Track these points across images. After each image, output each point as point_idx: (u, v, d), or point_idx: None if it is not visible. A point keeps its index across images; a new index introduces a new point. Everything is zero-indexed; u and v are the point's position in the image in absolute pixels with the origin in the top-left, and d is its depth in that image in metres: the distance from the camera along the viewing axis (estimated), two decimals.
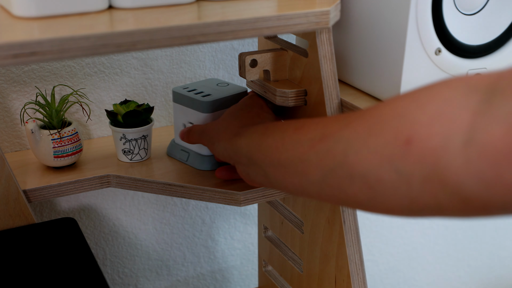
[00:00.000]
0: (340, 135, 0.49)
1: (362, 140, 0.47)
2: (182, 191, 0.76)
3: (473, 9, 0.68)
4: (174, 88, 0.80)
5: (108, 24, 0.59)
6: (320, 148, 0.51)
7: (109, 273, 1.04)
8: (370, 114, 0.48)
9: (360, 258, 0.76)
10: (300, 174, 0.54)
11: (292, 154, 0.54)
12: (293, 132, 0.56)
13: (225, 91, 0.80)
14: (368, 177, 0.46)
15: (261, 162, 0.60)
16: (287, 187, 0.57)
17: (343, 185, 0.49)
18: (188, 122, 0.79)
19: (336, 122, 0.51)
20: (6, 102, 0.85)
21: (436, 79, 0.68)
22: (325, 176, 0.50)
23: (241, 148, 0.63)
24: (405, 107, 0.45)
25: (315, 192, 0.53)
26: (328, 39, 0.69)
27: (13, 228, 0.75)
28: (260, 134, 0.61)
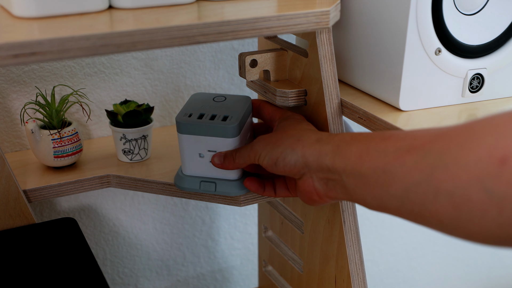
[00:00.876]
0: (429, 147, 0.46)
1: (453, 155, 0.43)
2: (182, 191, 0.76)
3: (473, 9, 0.68)
4: (177, 118, 0.71)
5: (108, 24, 0.59)
6: (407, 159, 0.48)
7: (109, 273, 1.04)
8: (464, 128, 0.44)
9: (360, 258, 0.76)
10: (381, 185, 0.50)
11: (376, 163, 0.51)
12: (379, 141, 0.52)
13: (234, 106, 0.73)
14: (454, 195, 0.43)
15: (342, 171, 0.56)
16: (366, 199, 0.54)
17: (426, 201, 0.46)
18: (206, 150, 0.71)
19: (426, 134, 0.48)
20: (6, 102, 0.85)
21: (436, 80, 0.68)
22: (408, 190, 0.47)
23: (325, 155, 0.58)
24: (503, 124, 0.42)
25: (395, 206, 0.50)
26: (328, 39, 0.69)
27: (13, 228, 0.75)
28: (346, 142, 0.57)
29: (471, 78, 0.69)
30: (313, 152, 0.59)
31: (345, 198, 0.58)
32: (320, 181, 0.60)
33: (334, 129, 0.72)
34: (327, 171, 0.58)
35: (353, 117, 0.71)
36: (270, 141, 0.64)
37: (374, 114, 0.68)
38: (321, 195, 0.61)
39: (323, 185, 0.60)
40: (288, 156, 0.61)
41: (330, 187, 0.59)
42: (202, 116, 0.71)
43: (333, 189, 0.59)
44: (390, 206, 0.50)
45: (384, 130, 0.67)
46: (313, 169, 0.60)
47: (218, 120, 0.70)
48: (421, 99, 0.69)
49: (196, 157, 0.72)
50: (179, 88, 0.96)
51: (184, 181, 0.74)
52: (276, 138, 0.64)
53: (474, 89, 0.70)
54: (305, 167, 0.60)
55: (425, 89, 0.68)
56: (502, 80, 0.72)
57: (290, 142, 0.62)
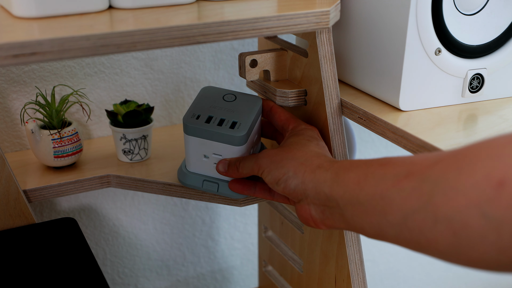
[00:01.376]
0: (427, 173, 0.45)
1: (450, 180, 0.43)
2: (182, 191, 0.76)
3: (473, 9, 0.68)
4: (185, 119, 0.69)
5: (108, 24, 0.59)
6: (404, 186, 0.47)
7: (109, 273, 1.04)
8: (462, 152, 0.44)
9: (360, 258, 0.76)
10: (379, 213, 0.49)
11: (374, 190, 0.50)
12: (377, 167, 0.51)
13: (244, 109, 0.71)
14: (453, 221, 0.42)
15: (340, 199, 0.55)
16: (364, 228, 0.52)
17: (425, 228, 0.45)
18: (211, 153, 0.70)
19: (424, 159, 0.47)
20: (6, 102, 0.85)
21: (436, 80, 0.68)
22: (406, 218, 0.46)
23: (324, 182, 0.57)
24: (501, 148, 0.41)
25: (393, 234, 0.49)
26: (328, 39, 0.69)
27: (13, 228, 0.75)
28: (344, 169, 0.56)
29: (471, 78, 0.69)
30: (313, 179, 0.59)
31: (343, 227, 0.57)
32: (317, 209, 0.59)
33: (334, 129, 0.72)
34: (325, 199, 0.57)
35: (353, 117, 0.71)
36: (275, 159, 0.63)
37: (374, 114, 0.68)
38: (317, 223, 0.60)
39: (319, 214, 0.59)
40: (289, 180, 0.61)
41: (327, 215, 0.58)
42: (210, 119, 0.69)
43: (330, 217, 0.58)
44: (388, 235, 0.49)
45: (384, 130, 0.67)
46: (310, 196, 0.59)
47: (226, 127, 0.68)
48: (421, 99, 0.69)
49: (201, 158, 0.71)
50: (179, 88, 0.96)
51: (187, 178, 0.73)
52: (281, 157, 0.63)
53: (474, 89, 0.70)
54: (303, 194, 0.60)
55: (425, 89, 0.68)
56: (502, 80, 0.72)
57: (294, 164, 0.61)
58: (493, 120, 0.66)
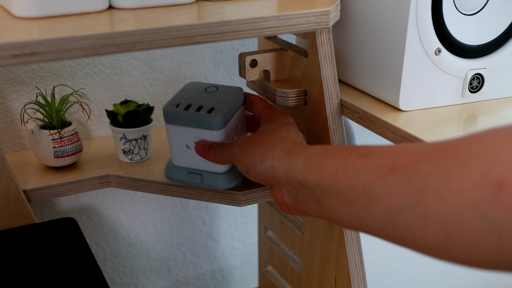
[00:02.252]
0: (415, 168, 0.43)
1: (443, 178, 0.41)
2: (182, 191, 0.76)
3: (473, 9, 0.68)
4: (164, 108, 0.70)
5: (108, 24, 0.59)
6: (389, 180, 0.45)
7: (109, 273, 1.04)
8: (453, 148, 0.42)
9: (360, 258, 0.76)
10: (360, 205, 0.47)
11: (354, 182, 0.48)
12: (356, 158, 0.49)
13: (224, 97, 0.71)
14: (446, 222, 0.41)
15: (315, 187, 0.53)
16: (342, 218, 0.51)
17: (413, 226, 0.43)
18: (193, 142, 0.70)
19: (409, 152, 0.45)
20: (6, 102, 0.85)
21: (436, 80, 0.68)
22: (392, 213, 0.45)
23: (295, 168, 0.55)
24: (496, 145, 0.39)
25: (375, 228, 0.47)
26: (328, 39, 0.69)
27: (13, 228, 0.75)
28: (318, 156, 0.54)
29: (471, 78, 0.69)
30: (283, 164, 0.57)
31: (317, 215, 0.55)
32: (289, 194, 0.57)
33: (334, 129, 0.72)
34: (298, 185, 0.55)
35: (353, 117, 0.71)
36: (245, 146, 0.63)
37: (374, 114, 0.68)
38: (290, 208, 0.58)
39: (292, 199, 0.57)
40: (257, 165, 0.60)
41: (300, 201, 0.56)
42: (189, 107, 0.69)
43: (303, 204, 0.56)
44: (369, 227, 0.48)
45: (384, 130, 0.67)
46: (282, 182, 0.57)
47: (204, 112, 0.68)
48: (421, 99, 0.69)
49: (184, 148, 0.71)
50: (179, 88, 0.96)
51: (173, 172, 0.73)
52: (251, 143, 0.62)
53: (474, 89, 0.70)
54: (274, 179, 0.58)
55: (425, 89, 0.68)
56: (502, 80, 0.72)
57: (262, 150, 0.60)
58: (493, 120, 0.66)
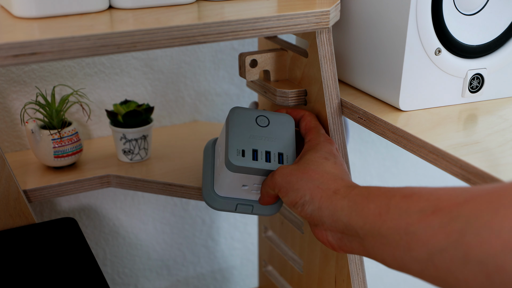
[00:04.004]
0: (458, 211, 0.43)
1: (485, 220, 0.41)
2: (182, 191, 0.76)
3: (473, 9, 0.68)
4: (232, 159, 0.65)
5: (108, 24, 0.59)
6: (431, 222, 0.45)
7: (109, 273, 1.04)
8: (496, 192, 0.42)
9: (360, 258, 0.76)
10: (403, 247, 0.47)
11: (397, 224, 0.48)
12: (400, 200, 0.49)
13: (281, 133, 0.69)
14: (486, 264, 0.40)
15: (359, 229, 0.53)
16: (385, 259, 0.51)
17: (454, 268, 0.43)
18: (253, 184, 0.68)
19: (453, 195, 0.45)
20: (6, 102, 0.85)
21: (436, 80, 0.68)
22: (433, 255, 0.44)
23: (341, 211, 0.55)
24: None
25: (417, 270, 0.47)
26: (328, 39, 0.69)
27: (13, 228, 0.75)
28: (363, 197, 0.54)
29: (471, 78, 0.69)
30: (329, 206, 0.57)
31: (362, 254, 0.55)
32: (334, 235, 0.58)
33: (334, 129, 0.72)
34: (343, 227, 0.55)
35: (353, 117, 0.71)
36: (290, 179, 0.62)
37: (374, 114, 0.68)
38: (335, 248, 0.59)
39: (337, 240, 0.58)
40: (306, 205, 0.59)
41: (345, 242, 0.57)
42: (255, 154, 0.66)
43: (348, 244, 0.56)
44: (412, 269, 0.48)
45: (384, 130, 0.67)
46: (327, 223, 0.57)
47: (275, 162, 0.66)
48: (421, 99, 0.69)
49: (239, 187, 0.68)
50: (179, 88, 0.96)
51: (219, 203, 0.70)
52: (297, 178, 0.61)
53: (474, 89, 0.70)
54: (319, 220, 0.58)
55: (425, 89, 0.68)
56: (502, 80, 0.72)
57: (310, 188, 0.60)
58: (493, 120, 0.66)
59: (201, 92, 0.98)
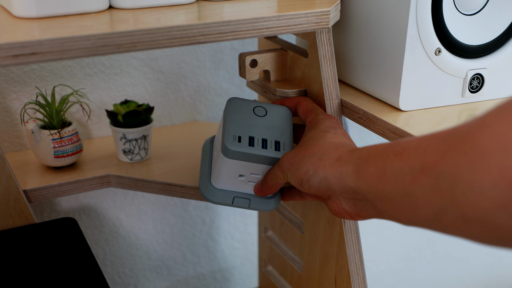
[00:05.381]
0: (441, 168, 0.43)
1: (466, 178, 0.40)
2: (182, 191, 0.76)
3: (473, 9, 0.68)
4: (228, 144, 0.64)
5: (108, 25, 0.59)
6: (423, 182, 0.45)
7: (109, 273, 1.04)
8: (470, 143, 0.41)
9: (360, 258, 0.76)
10: (408, 208, 0.47)
11: (396, 186, 0.48)
12: (393, 159, 0.49)
13: (279, 123, 0.69)
14: (484, 223, 0.40)
15: (367, 193, 0.53)
16: (399, 219, 0.50)
17: (459, 226, 0.43)
18: (250, 173, 0.67)
19: (434, 146, 0.45)
20: (6, 102, 0.85)
21: (436, 80, 0.68)
22: (436, 215, 0.44)
23: (347, 176, 0.55)
24: (506, 134, 0.38)
25: (429, 227, 0.47)
26: (328, 39, 0.69)
27: (13, 228, 0.75)
28: (364, 160, 0.53)
29: (471, 78, 0.70)
30: (335, 174, 0.57)
31: (379, 217, 0.55)
32: (348, 202, 0.57)
33: None
34: (353, 192, 0.55)
35: (353, 117, 0.71)
36: (294, 160, 0.62)
37: (374, 114, 0.68)
38: (352, 215, 0.58)
39: (352, 206, 0.57)
40: (311, 179, 0.59)
41: (359, 207, 0.56)
42: (252, 141, 0.66)
43: (363, 209, 0.56)
44: (426, 226, 0.48)
45: (384, 130, 0.67)
46: (337, 191, 0.57)
47: (271, 148, 0.66)
48: (421, 99, 0.69)
49: (236, 177, 0.68)
50: (179, 88, 0.96)
51: (216, 195, 0.70)
52: (300, 157, 0.61)
53: (474, 89, 0.70)
54: (329, 190, 0.58)
55: (425, 89, 0.68)
56: (502, 80, 0.72)
57: (312, 162, 0.59)
58: None
59: (201, 92, 0.98)
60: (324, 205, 0.78)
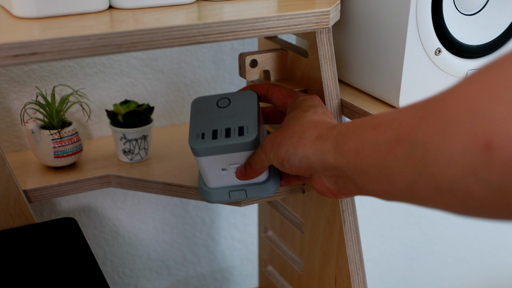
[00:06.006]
0: (415, 136, 0.42)
1: (437, 144, 0.40)
2: (182, 191, 0.76)
3: (473, 9, 0.68)
4: (192, 143, 0.65)
5: (108, 25, 0.59)
6: (398, 153, 0.44)
7: (109, 273, 1.04)
8: (441, 109, 0.40)
9: (360, 258, 0.76)
10: (385, 182, 0.47)
11: (372, 160, 0.48)
12: (370, 132, 0.49)
13: (242, 108, 0.68)
14: (456, 191, 0.39)
15: (346, 168, 0.52)
16: (378, 193, 0.50)
17: (433, 196, 0.42)
18: (229, 165, 0.67)
19: (409, 117, 0.44)
20: (6, 102, 0.85)
21: (436, 80, 0.68)
22: (411, 186, 0.44)
23: (326, 153, 0.55)
24: (476, 98, 0.37)
25: (407, 199, 0.46)
26: (328, 39, 0.69)
27: (13, 228, 0.75)
28: (343, 136, 0.53)
29: None
30: (315, 152, 0.56)
31: (360, 194, 0.55)
32: (329, 180, 0.57)
33: None
34: (333, 169, 0.55)
35: (353, 117, 0.71)
36: (275, 141, 0.62)
37: (374, 114, 0.68)
38: (334, 193, 0.58)
39: (333, 184, 0.57)
40: (291, 157, 0.59)
41: (341, 185, 0.56)
42: (216, 133, 0.66)
43: (344, 187, 0.56)
44: (402, 199, 0.47)
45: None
46: (318, 169, 0.57)
47: (235, 135, 0.65)
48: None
49: (219, 172, 0.68)
50: (179, 88, 0.96)
51: (212, 195, 0.70)
52: (281, 137, 0.61)
53: None
54: (310, 168, 0.58)
55: (425, 89, 0.68)
56: None
57: (292, 141, 0.59)
58: None
59: (201, 92, 0.98)
60: (324, 205, 0.78)
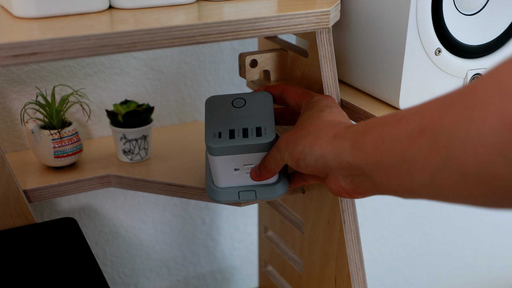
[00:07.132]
0: (440, 125, 0.42)
1: (465, 128, 0.39)
2: (182, 191, 0.76)
3: (473, 9, 0.68)
4: (209, 142, 0.65)
5: (108, 25, 0.59)
6: (421, 143, 0.44)
7: (109, 273, 1.04)
8: (470, 93, 0.40)
9: (360, 258, 0.76)
10: (406, 175, 0.47)
11: (393, 153, 0.47)
12: (392, 127, 0.48)
13: (258, 109, 0.68)
14: (482, 174, 0.39)
15: (364, 166, 0.52)
16: (396, 191, 0.50)
17: (456, 184, 0.42)
18: (243, 165, 0.67)
19: (434, 108, 0.44)
20: (6, 102, 0.85)
21: (436, 80, 0.68)
22: (433, 176, 0.43)
23: (343, 151, 0.54)
24: (506, 80, 0.37)
25: (426, 193, 0.46)
26: (328, 39, 0.69)
27: (13, 228, 0.75)
28: (361, 133, 0.53)
29: (471, 78, 0.70)
30: (332, 151, 0.56)
31: (376, 193, 0.55)
32: (346, 179, 0.57)
33: None
34: (350, 168, 0.54)
35: (353, 117, 0.71)
36: (290, 140, 0.61)
37: (374, 114, 0.68)
38: (350, 193, 0.58)
39: (349, 183, 0.57)
40: (307, 157, 0.58)
41: (357, 184, 0.56)
42: (233, 133, 0.65)
43: (361, 185, 0.55)
44: (422, 193, 0.47)
45: None
46: (335, 168, 0.56)
47: (253, 136, 0.65)
48: (421, 99, 0.69)
49: (232, 172, 0.68)
50: (179, 88, 0.96)
51: (221, 195, 0.70)
52: (296, 136, 0.61)
53: None
54: (327, 167, 0.57)
55: (425, 89, 0.68)
56: None
57: (309, 140, 0.59)
58: None
59: (201, 92, 0.98)
60: (324, 205, 0.78)
